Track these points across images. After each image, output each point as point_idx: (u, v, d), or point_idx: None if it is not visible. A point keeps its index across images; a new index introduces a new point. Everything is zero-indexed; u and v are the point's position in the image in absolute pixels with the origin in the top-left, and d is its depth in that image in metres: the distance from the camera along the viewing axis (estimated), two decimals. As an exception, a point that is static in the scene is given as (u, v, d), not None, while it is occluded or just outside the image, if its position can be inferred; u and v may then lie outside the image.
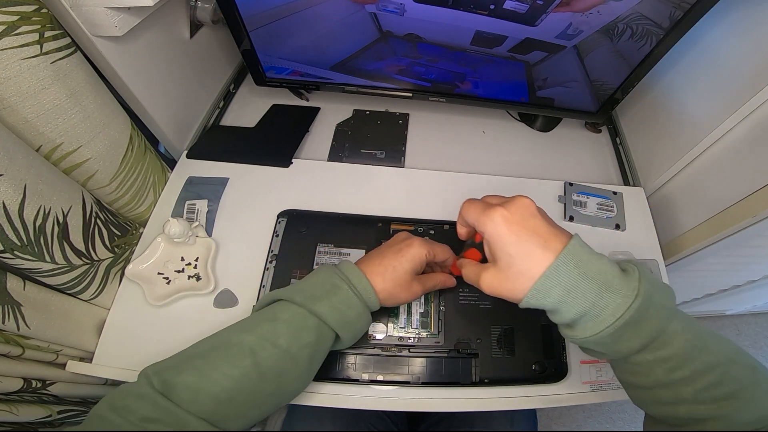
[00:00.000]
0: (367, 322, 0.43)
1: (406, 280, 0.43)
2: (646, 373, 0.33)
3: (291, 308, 0.39)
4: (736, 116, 0.50)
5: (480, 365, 0.49)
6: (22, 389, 0.42)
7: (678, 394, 0.32)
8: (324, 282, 0.41)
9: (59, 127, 0.41)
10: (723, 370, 0.32)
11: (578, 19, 0.51)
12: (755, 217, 0.49)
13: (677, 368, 0.32)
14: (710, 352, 0.32)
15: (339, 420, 0.57)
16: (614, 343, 0.33)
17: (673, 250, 0.63)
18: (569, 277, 0.32)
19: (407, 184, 0.64)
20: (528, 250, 0.33)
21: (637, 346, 0.32)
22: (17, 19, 0.35)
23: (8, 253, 0.36)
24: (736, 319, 1.31)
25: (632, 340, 0.32)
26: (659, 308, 0.32)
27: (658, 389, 0.33)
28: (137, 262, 0.51)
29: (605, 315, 0.31)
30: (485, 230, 0.36)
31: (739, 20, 0.51)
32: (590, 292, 0.32)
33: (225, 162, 0.63)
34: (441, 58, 0.60)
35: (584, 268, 0.32)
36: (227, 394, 0.34)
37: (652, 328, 0.32)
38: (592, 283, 0.32)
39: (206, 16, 0.60)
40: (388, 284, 0.42)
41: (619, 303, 0.31)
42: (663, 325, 0.32)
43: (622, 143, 0.75)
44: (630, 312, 0.31)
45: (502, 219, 0.34)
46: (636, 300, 0.31)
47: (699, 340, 0.33)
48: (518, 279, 0.33)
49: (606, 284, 0.32)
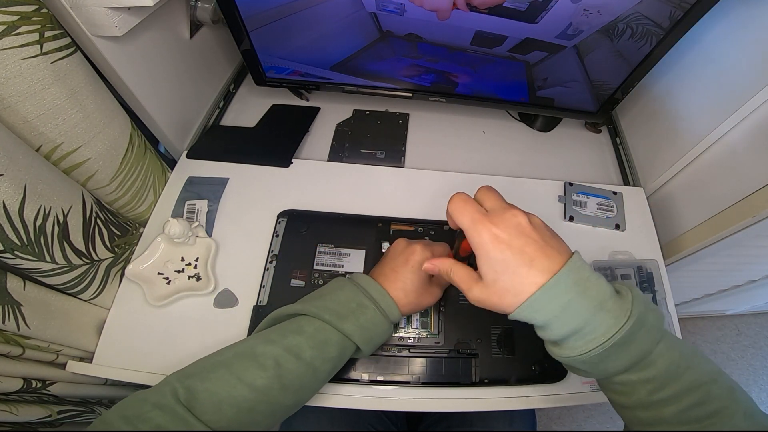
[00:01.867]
0: (389, 335, 0.44)
1: (425, 287, 0.44)
2: (628, 392, 0.33)
3: (316, 323, 0.39)
4: (736, 116, 0.50)
5: (480, 365, 0.49)
6: (22, 389, 0.42)
7: (659, 414, 0.32)
8: (349, 300, 0.41)
9: (59, 127, 0.41)
10: (706, 389, 0.32)
11: (578, 18, 0.51)
12: (755, 217, 0.49)
13: (660, 389, 0.32)
14: (693, 372, 0.32)
15: (338, 420, 0.57)
16: (601, 363, 0.32)
17: (673, 250, 0.63)
18: (567, 294, 0.31)
19: (407, 184, 0.64)
20: (513, 270, 0.32)
21: (622, 367, 0.32)
22: (17, 19, 0.35)
23: (8, 253, 0.36)
24: (736, 319, 1.31)
25: (619, 361, 0.32)
26: (649, 329, 0.32)
27: (639, 410, 0.33)
28: (137, 262, 0.51)
29: (596, 334, 0.31)
30: (472, 242, 0.34)
31: (739, 20, 0.51)
32: (585, 310, 0.31)
33: (225, 162, 0.63)
34: (441, 58, 0.60)
35: (583, 286, 0.32)
36: (249, 404, 0.34)
37: (639, 349, 0.31)
38: (589, 301, 0.31)
39: (206, 16, 0.60)
40: (411, 297, 0.43)
41: (611, 324, 0.31)
42: (650, 347, 0.32)
43: (622, 143, 0.75)
44: (621, 333, 0.30)
45: (489, 237, 0.33)
46: (628, 321, 0.31)
47: (683, 359, 0.33)
48: (504, 295, 0.33)
49: (601, 304, 0.31)
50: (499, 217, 0.34)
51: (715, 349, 1.26)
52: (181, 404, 0.33)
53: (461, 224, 0.35)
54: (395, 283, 0.43)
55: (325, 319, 0.39)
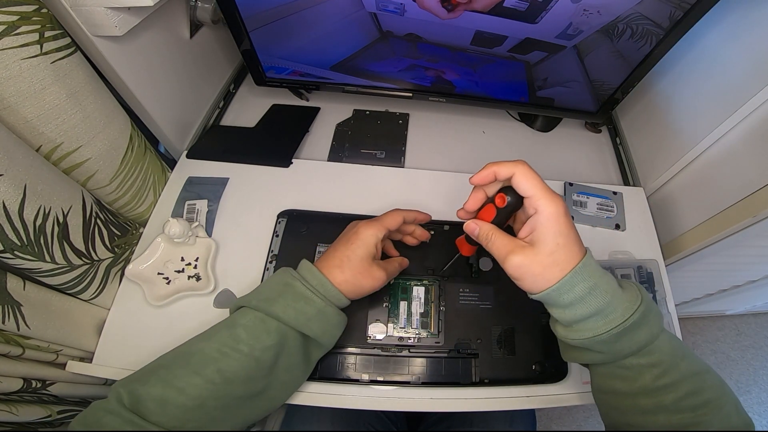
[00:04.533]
0: (338, 319, 0.42)
1: (365, 267, 0.42)
2: (634, 377, 0.34)
3: (249, 313, 0.39)
4: (736, 116, 0.50)
5: (480, 365, 0.49)
6: (22, 389, 0.42)
7: (660, 401, 0.33)
8: (278, 283, 0.41)
9: (59, 127, 0.41)
10: (701, 378, 0.34)
11: (578, 18, 0.51)
12: (755, 217, 0.49)
13: (663, 374, 0.34)
14: (690, 361, 0.35)
15: (338, 420, 0.57)
16: (617, 343, 0.34)
17: (673, 250, 0.63)
18: (593, 277, 0.34)
19: (407, 184, 0.64)
20: (571, 245, 0.34)
21: (636, 347, 0.34)
22: (17, 19, 0.35)
23: (8, 253, 0.36)
24: (736, 319, 1.31)
25: (632, 341, 0.34)
26: (656, 315, 0.35)
27: (641, 396, 0.34)
28: (137, 262, 0.51)
29: (615, 315, 0.33)
30: (543, 210, 0.34)
31: (739, 20, 0.51)
32: (607, 293, 0.33)
33: (225, 162, 0.63)
34: (441, 58, 0.60)
35: (602, 272, 0.34)
36: (194, 401, 0.35)
37: (649, 332, 0.34)
38: (609, 285, 0.34)
39: (206, 16, 0.60)
40: (347, 275, 0.42)
41: (627, 306, 0.33)
42: (657, 331, 0.34)
43: (622, 143, 0.75)
44: (636, 315, 0.33)
45: (564, 209, 0.34)
46: (642, 305, 0.33)
47: (681, 349, 0.35)
48: (551, 268, 0.33)
49: (617, 288, 0.34)
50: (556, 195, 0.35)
51: (715, 349, 1.26)
52: (127, 409, 0.33)
53: (532, 190, 0.34)
54: (332, 261, 0.42)
55: (253, 306, 0.39)
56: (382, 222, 0.45)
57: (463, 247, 0.47)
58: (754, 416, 1.13)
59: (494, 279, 0.54)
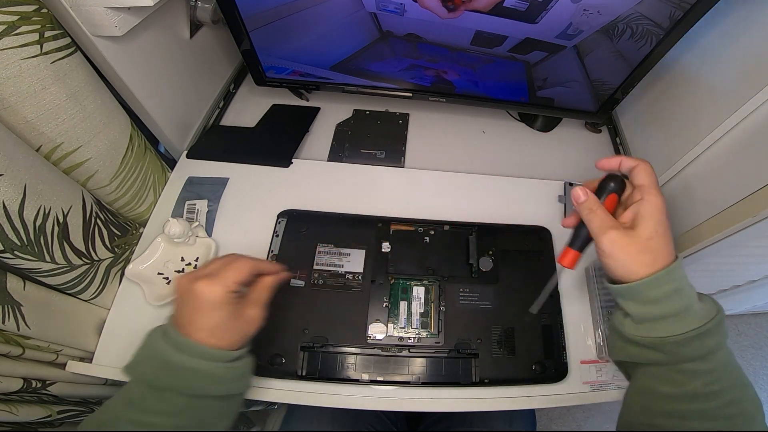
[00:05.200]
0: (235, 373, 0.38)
1: (232, 320, 0.38)
2: (684, 381, 0.35)
3: (127, 383, 0.37)
4: (736, 116, 0.50)
5: (480, 365, 0.49)
6: (22, 389, 0.42)
7: (702, 407, 0.34)
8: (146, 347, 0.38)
9: (59, 127, 0.41)
10: (744, 390, 0.35)
11: (578, 18, 0.51)
12: (755, 217, 0.49)
13: (714, 382, 0.34)
14: (739, 372, 0.36)
15: (338, 420, 0.57)
16: (686, 347, 0.34)
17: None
18: (683, 279, 0.35)
19: (407, 184, 0.64)
20: (668, 240, 0.36)
21: (701, 353, 0.34)
22: (17, 19, 0.35)
23: (8, 253, 0.36)
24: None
25: (701, 347, 0.34)
26: (725, 327, 0.36)
27: (685, 401, 0.35)
28: (137, 262, 0.51)
29: (694, 319, 0.34)
30: (651, 199, 0.36)
31: (739, 20, 0.51)
32: (691, 297, 0.35)
33: (225, 162, 0.63)
34: (441, 58, 0.60)
35: (683, 281, 0.35)
36: None
37: (717, 342, 0.35)
38: (693, 291, 0.36)
39: (206, 16, 0.60)
40: (218, 335, 0.37)
41: (705, 312, 0.35)
42: (724, 341, 0.35)
43: (622, 143, 0.75)
44: (713, 322, 0.34)
45: (665, 203, 0.36)
46: (719, 314, 0.35)
47: (733, 360, 0.36)
48: (645, 254, 0.35)
49: (698, 296, 0.36)
50: None
51: (715, 349, 1.26)
52: None
53: (648, 179, 0.37)
54: (196, 333, 0.36)
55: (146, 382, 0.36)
56: (225, 278, 0.38)
57: (566, 256, 0.41)
58: (754, 416, 1.12)
59: (494, 279, 0.54)
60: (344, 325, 0.50)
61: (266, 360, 0.48)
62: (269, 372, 0.47)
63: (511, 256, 0.56)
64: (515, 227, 0.59)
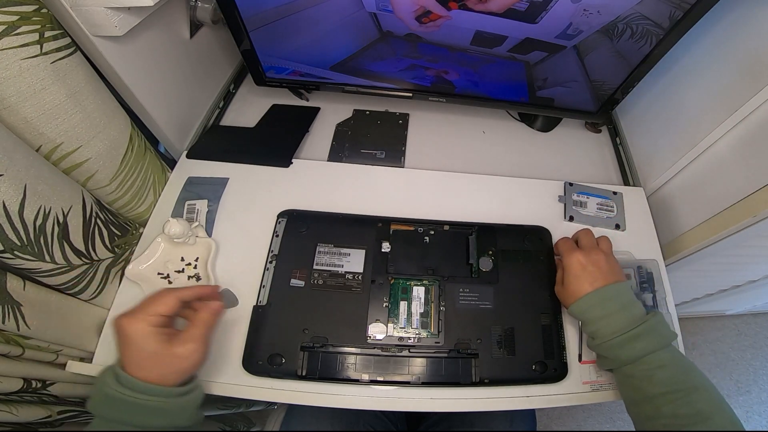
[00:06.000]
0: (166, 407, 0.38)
1: (160, 352, 0.38)
2: (637, 387, 0.42)
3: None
4: (736, 116, 0.50)
5: (480, 365, 0.49)
6: (22, 389, 0.42)
7: (657, 409, 0.40)
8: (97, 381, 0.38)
9: (59, 127, 0.41)
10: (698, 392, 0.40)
11: (578, 18, 0.51)
12: (755, 217, 0.49)
13: (658, 384, 0.41)
14: (693, 376, 0.41)
15: (338, 420, 0.57)
16: (619, 349, 0.43)
17: (673, 250, 0.63)
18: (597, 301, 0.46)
19: (407, 184, 0.64)
20: (581, 283, 0.47)
21: (634, 356, 0.42)
22: (17, 19, 0.35)
23: (8, 253, 0.36)
24: (736, 319, 1.31)
25: (632, 350, 0.42)
26: (661, 335, 0.43)
27: (644, 404, 0.42)
28: (137, 262, 0.51)
29: (619, 324, 0.43)
30: (565, 263, 0.50)
31: (740, 19, 0.51)
32: (611, 308, 0.45)
33: (225, 162, 0.63)
34: (441, 58, 0.60)
35: (620, 300, 0.46)
36: None
37: (646, 345, 0.42)
38: (618, 309, 0.45)
39: (206, 16, 0.60)
40: (147, 367, 0.37)
41: (627, 322, 0.43)
42: (658, 346, 0.42)
43: (622, 143, 0.75)
44: (642, 327, 0.42)
45: (576, 261, 0.48)
46: (648, 321, 0.43)
47: (685, 365, 0.42)
48: (569, 297, 0.48)
49: (625, 308, 0.45)
50: (588, 250, 0.49)
51: (715, 349, 1.26)
52: None
53: (562, 249, 0.51)
54: (128, 366, 0.37)
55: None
56: (146, 311, 0.39)
57: None
58: (754, 416, 1.13)
59: (494, 279, 0.54)
60: (344, 325, 0.50)
61: (266, 360, 0.48)
62: (269, 372, 0.47)
63: (511, 256, 0.56)
64: (515, 227, 0.59)
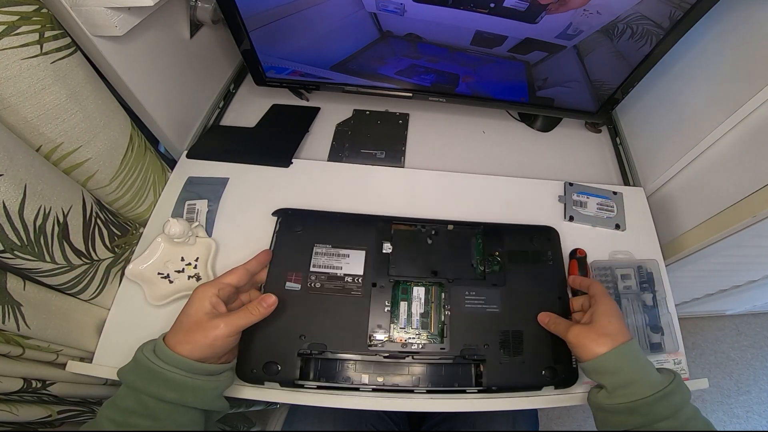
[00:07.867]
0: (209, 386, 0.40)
1: (197, 324, 0.40)
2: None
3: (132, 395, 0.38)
4: (736, 116, 0.50)
5: (487, 371, 0.47)
6: (22, 389, 0.42)
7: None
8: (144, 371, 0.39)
9: (59, 127, 0.41)
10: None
11: (578, 18, 0.51)
12: (755, 217, 0.49)
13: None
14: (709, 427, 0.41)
15: (340, 420, 0.57)
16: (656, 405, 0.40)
17: (673, 250, 0.63)
18: (640, 353, 0.43)
19: (407, 184, 0.64)
20: (621, 326, 0.44)
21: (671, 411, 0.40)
22: (17, 19, 0.35)
23: (8, 253, 0.36)
24: (736, 319, 1.31)
25: (670, 405, 0.40)
26: (686, 387, 0.42)
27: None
28: (137, 262, 0.51)
29: (656, 380, 0.41)
30: (603, 303, 0.46)
31: (740, 19, 0.51)
32: (647, 365, 0.43)
33: (225, 162, 0.63)
34: (441, 58, 0.60)
35: (643, 356, 0.44)
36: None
37: (681, 398, 0.41)
38: (649, 362, 0.43)
39: (206, 16, 0.60)
40: (179, 335, 0.40)
41: (664, 376, 0.42)
42: (687, 398, 0.42)
43: (622, 143, 0.75)
44: (675, 382, 0.41)
45: (612, 301, 0.47)
46: (677, 376, 0.42)
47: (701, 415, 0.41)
48: (603, 336, 0.43)
49: (649, 363, 0.43)
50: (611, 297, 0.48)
51: (715, 349, 1.26)
52: None
53: (598, 291, 0.48)
54: (170, 334, 0.40)
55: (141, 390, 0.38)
56: (220, 279, 0.44)
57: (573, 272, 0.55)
58: (754, 416, 1.13)
59: (501, 281, 0.52)
60: (344, 331, 0.48)
61: (261, 368, 0.45)
62: (264, 381, 0.45)
63: (518, 257, 0.54)
64: (522, 227, 0.57)
